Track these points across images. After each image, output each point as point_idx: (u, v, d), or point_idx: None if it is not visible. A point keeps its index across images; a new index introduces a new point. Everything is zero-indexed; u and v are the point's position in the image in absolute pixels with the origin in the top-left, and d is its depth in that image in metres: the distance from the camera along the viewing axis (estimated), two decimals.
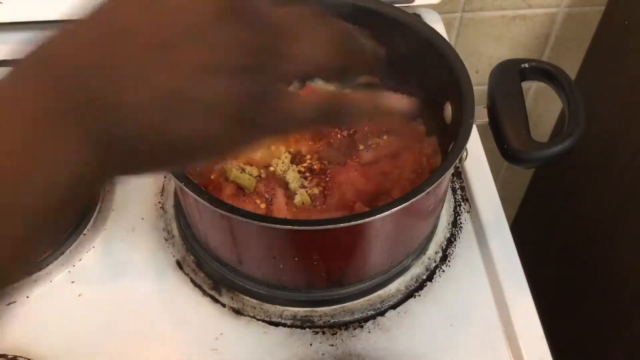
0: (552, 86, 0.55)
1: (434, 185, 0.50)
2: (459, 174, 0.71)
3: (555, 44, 1.03)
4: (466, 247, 0.65)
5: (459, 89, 0.55)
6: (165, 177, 0.69)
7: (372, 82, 0.68)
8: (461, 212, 0.68)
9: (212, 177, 0.61)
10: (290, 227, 0.49)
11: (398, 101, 0.37)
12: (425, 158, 0.63)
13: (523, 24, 0.99)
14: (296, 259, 0.55)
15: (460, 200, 0.69)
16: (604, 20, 0.96)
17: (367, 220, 0.49)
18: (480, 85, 0.61)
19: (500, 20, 0.98)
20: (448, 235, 0.66)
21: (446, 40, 0.59)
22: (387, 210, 0.48)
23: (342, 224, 0.49)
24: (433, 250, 0.65)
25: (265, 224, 0.49)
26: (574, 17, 0.98)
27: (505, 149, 0.52)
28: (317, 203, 0.60)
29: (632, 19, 0.88)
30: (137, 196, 0.68)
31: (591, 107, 0.57)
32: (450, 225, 0.67)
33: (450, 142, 0.53)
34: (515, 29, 0.99)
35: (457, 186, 0.70)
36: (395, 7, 0.62)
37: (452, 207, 0.68)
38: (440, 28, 0.84)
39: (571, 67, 1.04)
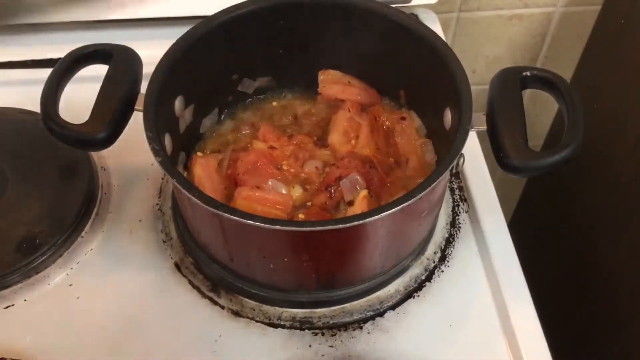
0: (553, 95, 0.55)
1: (426, 191, 0.49)
2: (457, 175, 0.71)
3: (552, 43, 1.03)
4: (465, 247, 0.65)
5: (458, 96, 0.55)
6: (163, 179, 0.69)
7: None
8: (459, 212, 0.68)
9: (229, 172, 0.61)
10: (278, 227, 0.49)
11: None
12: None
13: (520, 23, 0.99)
14: (285, 259, 0.55)
15: (459, 200, 0.69)
16: (600, 19, 0.96)
17: (355, 224, 0.49)
18: (477, 85, 0.61)
19: (497, 19, 0.98)
20: (447, 235, 0.66)
21: (447, 45, 0.59)
22: (377, 215, 0.48)
23: (328, 227, 0.49)
24: (432, 250, 0.65)
25: (252, 223, 0.48)
26: (571, 16, 0.99)
27: (501, 157, 0.52)
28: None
29: (628, 18, 0.88)
30: (135, 198, 0.68)
31: (588, 105, 0.57)
32: (449, 225, 0.67)
33: (449, 148, 0.53)
34: (512, 28, 0.99)
35: (455, 186, 0.70)
36: (394, 8, 0.62)
37: (451, 207, 0.68)
38: (437, 28, 0.84)
39: (568, 66, 1.05)
